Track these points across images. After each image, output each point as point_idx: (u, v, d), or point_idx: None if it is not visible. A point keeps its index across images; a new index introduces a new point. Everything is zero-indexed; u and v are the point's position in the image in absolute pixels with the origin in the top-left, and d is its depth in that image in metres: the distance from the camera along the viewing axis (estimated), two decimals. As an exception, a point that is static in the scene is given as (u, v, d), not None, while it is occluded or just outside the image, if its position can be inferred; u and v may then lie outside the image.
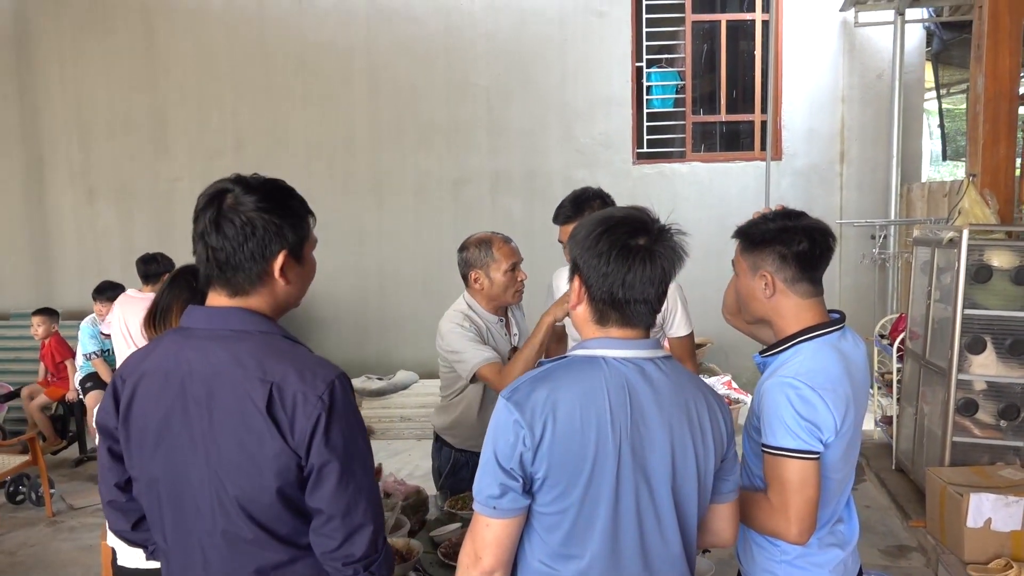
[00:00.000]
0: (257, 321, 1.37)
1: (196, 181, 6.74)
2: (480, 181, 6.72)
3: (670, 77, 6.78)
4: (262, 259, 1.35)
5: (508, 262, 2.60)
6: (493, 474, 1.33)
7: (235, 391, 1.30)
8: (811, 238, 1.66)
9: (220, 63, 6.66)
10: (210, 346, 1.33)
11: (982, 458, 3.80)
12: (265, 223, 1.34)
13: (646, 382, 1.37)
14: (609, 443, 1.32)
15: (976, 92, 4.41)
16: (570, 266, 1.45)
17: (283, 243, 1.36)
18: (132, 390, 1.39)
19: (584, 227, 1.41)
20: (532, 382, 1.36)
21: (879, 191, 6.56)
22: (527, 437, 1.30)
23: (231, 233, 1.32)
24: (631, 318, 1.39)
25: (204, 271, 1.38)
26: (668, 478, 1.36)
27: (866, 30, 6.50)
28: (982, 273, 3.68)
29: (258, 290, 1.37)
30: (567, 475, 1.31)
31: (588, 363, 1.37)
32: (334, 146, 6.71)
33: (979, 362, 3.75)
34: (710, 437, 1.41)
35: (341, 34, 6.59)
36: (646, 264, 1.35)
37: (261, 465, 1.29)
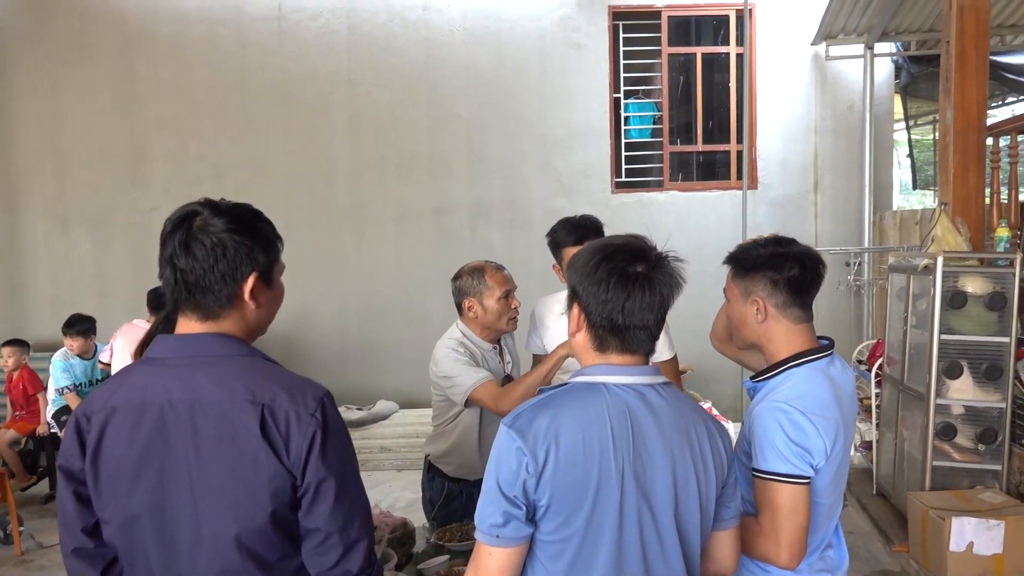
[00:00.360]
0: (236, 345, 1.36)
1: (172, 210, 6.69)
2: (460, 211, 6.75)
3: (647, 108, 6.90)
4: (232, 281, 1.34)
5: (501, 290, 2.62)
6: (496, 502, 1.32)
7: (223, 417, 1.28)
8: (802, 264, 1.69)
9: (199, 93, 6.65)
10: (190, 373, 1.31)
11: (962, 482, 3.83)
12: (236, 244, 1.34)
13: (647, 408, 1.37)
14: (612, 470, 1.32)
15: (946, 123, 4.54)
16: (568, 293, 1.46)
17: (253, 265, 1.36)
18: (101, 428, 1.33)
19: (583, 255, 1.43)
20: (534, 409, 1.36)
21: (852, 219, 6.69)
22: (530, 464, 1.30)
23: (201, 255, 1.32)
24: (631, 344, 1.40)
25: (172, 295, 1.36)
26: (671, 504, 1.36)
27: (837, 63, 6.68)
28: (957, 299, 3.74)
29: (229, 313, 1.36)
30: (571, 502, 1.31)
31: (589, 389, 1.38)
32: (315, 176, 6.71)
33: (956, 387, 3.81)
34: (711, 463, 1.41)
35: (322, 65, 6.63)
36: (645, 291, 1.37)
37: (256, 489, 1.27)
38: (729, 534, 1.51)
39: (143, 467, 1.30)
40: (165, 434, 1.30)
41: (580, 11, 6.63)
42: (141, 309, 6.35)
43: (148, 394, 1.31)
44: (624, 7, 6.68)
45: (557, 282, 2.83)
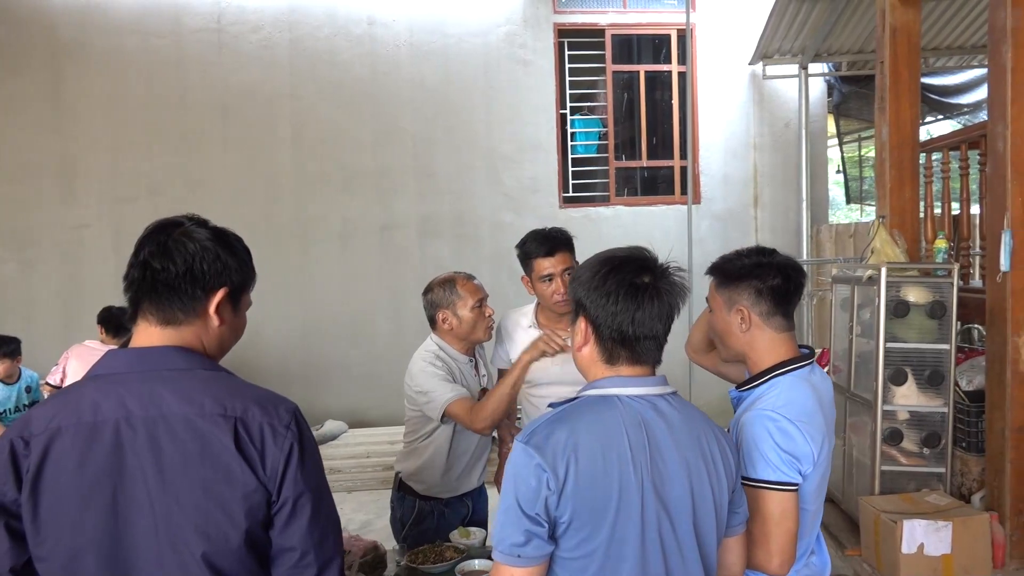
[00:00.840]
0: (197, 359, 1.29)
1: (105, 228, 6.43)
2: (408, 227, 6.68)
3: (593, 124, 6.99)
4: (203, 290, 1.30)
5: (474, 298, 2.59)
6: (516, 521, 1.29)
7: (191, 432, 1.21)
8: (785, 274, 1.72)
9: (135, 107, 6.41)
10: (151, 388, 1.22)
11: (908, 485, 3.96)
12: (214, 256, 1.31)
13: (660, 418, 1.37)
14: (632, 482, 1.31)
15: (882, 140, 4.73)
16: (573, 308, 1.46)
17: (227, 280, 1.33)
18: (42, 452, 1.20)
19: (588, 269, 1.42)
20: (549, 424, 1.34)
21: (791, 233, 6.91)
22: (551, 480, 1.28)
23: (179, 258, 1.28)
24: (640, 355, 1.40)
25: (133, 295, 1.29)
26: (689, 513, 1.36)
27: (773, 82, 6.91)
28: (900, 308, 3.89)
29: (191, 323, 1.30)
30: (592, 517, 1.29)
31: (603, 402, 1.37)
32: (257, 193, 6.53)
33: (901, 393, 3.94)
34: (722, 469, 1.42)
35: (264, 79, 6.48)
36: (654, 301, 1.38)
37: (230, 507, 1.20)
38: (738, 540, 1.52)
39: (93, 494, 1.19)
40: (120, 455, 1.20)
41: (526, 28, 6.68)
42: (71, 332, 6.07)
43: (100, 412, 1.21)
44: (569, 25, 6.77)
45: (510, 296, 2.82)
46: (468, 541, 2.50)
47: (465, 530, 2.57)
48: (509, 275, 6.73)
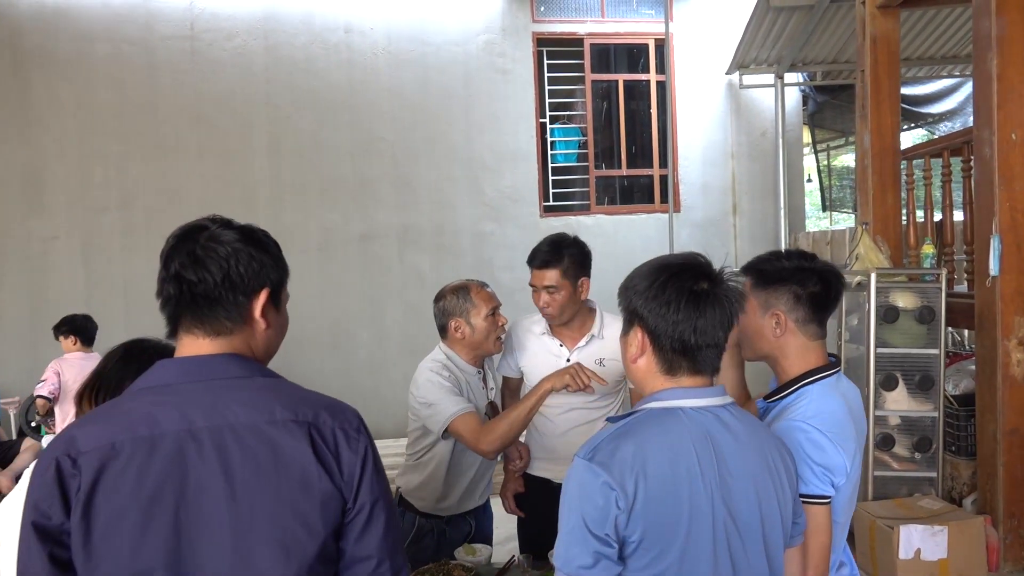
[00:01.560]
0: (255, 366, 1.23)
1: (75, 240, 6.24)
2: (387, 237, 6.58)
3: (572, 133, 6.98)
4: (244, 295, 1.22)
5: (488, 307, 2.50)
6: (583, 542, 1.22)
7: (261, 441, 1.13)
8: (826, 280, 1.68)
9: (105, 115, 6.23)
10: (213, 398, 1.15)
11: (901, 490, 3.97)
12: (248, 257, 1.23)
13: (726, 430, 1.32)
14: (702, 497, 1.25)
15: (864, 148, 4.78)
16: (626, 319, 1.40)
17: (266, 280, 1.25)
18: (95, 471, 1.10)
19: (642, 277, 1.36)
20: (613, 439, 1.27)
21: (769, 240, 6.96)
22: (620, 498, 1.21)
23: (213, 266, 1.19)
24: (701, 365, 1.35)
25: (173, 312, 1.21)
26: (759, 528, 1.31)
27: (750, 92, 6.97)
28: (890, 314, 3.91)
29: (240, 330, 1.23)
30: (663, 536, 1.23)
31: (667, 415, 1.31)
32: (232, 202, 6.36)
33: (892, 398, 3.96)
34: (785, 481, 1.38)
35: (239, 86, 6.35)
36: (715, 308, 1.32)
37: (307, 516, 1.13)
38: (796, 551, 1.48)
39: (154, 514, 1.10)
40: (183, 470, 1.12)
41: (505, 37, 6.66)
42: (39, 347, 5.87)
43: (159, 425, 1.13)
44: (548, 34, 6.76)
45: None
46: (474, 559, 2.42)
47: (471, 547, 2.49)
48: (491, 285, 6.67)
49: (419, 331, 6.16)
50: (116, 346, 1.76)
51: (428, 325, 6.24)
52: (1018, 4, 3.52)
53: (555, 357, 2.64)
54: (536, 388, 2.33)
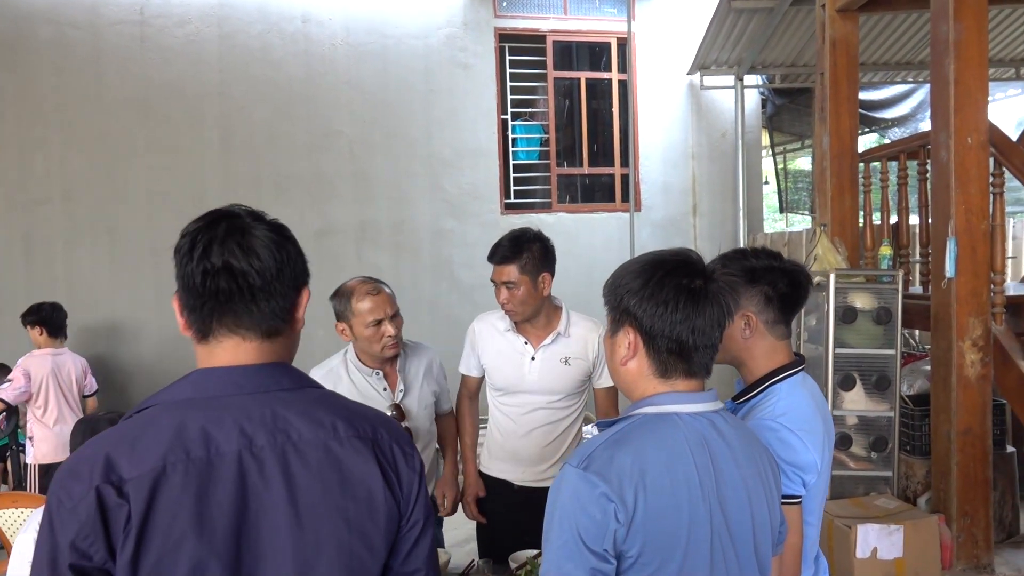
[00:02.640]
0: (304, 377, 1.13)
1: (14, 232, 5.95)
2: (345, 233, 6.44)
3: (534, 130, 6.92)
4: (294, 289, 1.12)
5: (371, 316, 2.40)
6: (578, 557, 1.14)
7: (327, 459, 1.04)
8: (796, 280, 1.64)
9: (46, 103, 5.95)
10: (272, 412, 1.04)
11: (858, 489, 4.01)
12: (296, 250, 1.14)
13: (720, 437, 1.26)
14: (700, 508, 1.19)
15: (822, 150, 4.82)
16: (615, 318, 1.32)
17: (306, 276, 1.16)
18: (148, 499, 0.95)
19: (635, 274, 1.28)
20: (608, 447, 1.20)
21: (728, 241, 7.00)
22: (619, 511, 1.14)
23: (267, 256, 1.08)
24: (696, 367, 1.29)
25: (214, 310, 1.07)
26: (751, 537, 1.26)
27: (711, 93, 7.00)
28: (848, 314, 3.94)
29: (286, 332, 1.12)
30: (663, 550, 1.17)
31: (663, 421, 1.24)
32: (182, 197, 6.15)
33: (850, 398, 3.99)
34: (774, 489, 1.34)
35: (191, 77, 6.13)
36: (711, 306, 1.26)
37: (372, 538, 1.06)
38: (778, 559, 1.45)
39: (215, 545, 0.98)
40: (244, 494, 1.00)
41: (467, 31, 6.56)
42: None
43: (215, 443, 1.00)
44: (510, 30, 6.69)
45: (452, 305, 2.70)
46: (433, 565, 2.34)
47: (429, 553, 2.41)
48: (451, 284, 6.57)
49: (376, 329, 6.03)
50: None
51: (386, 323, 5.98)
52: (975, 10, 3.57)
53: (520, 355, 2.58)
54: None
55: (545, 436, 2.57)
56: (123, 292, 6.07)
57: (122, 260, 6.07)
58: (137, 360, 6.12)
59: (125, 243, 6.07)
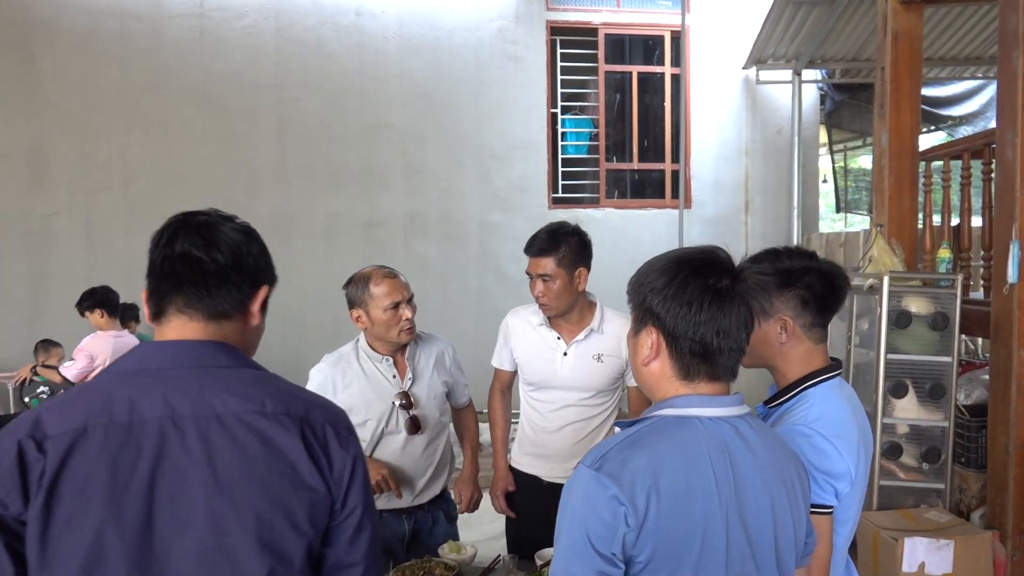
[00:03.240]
0: (245, 358, 1.17)
1: (76, 217, 6.18)
2: (393, 224, 6.50)
3: (584, 124, 6.86)
4: (250, 284, 1.19)
5: (388, 300, 2.38)
6: (587, 561, 1.11)
7: (251, 433, 1.07)
8: (835, 283, 1.57)
9: (110, 92, 6.16)
10: (200, 385, 1.09)
11: (907, 501, 3.85)
12: (260, 250, 1.22)
13: (743, 443, 1.21)
14: (716, 516, 1.15)
15: (881, 147, 4.64)
16: (638, 317, 1.28)
17: (268, 278, 1.23)
18: (61, 456, 1.02)
19: (658, 273, 1.24)
20: (623, 448, 1.16)
21: (781, 240, 6.82)
22: (630, 515, 1.10)
23: (226, 249, 1.16)
24: (721, 370, 1.23)
25: (168, 291, 1.15)
26: (772, 547, 1.21)
27: (767, 88, 6.83)
28: (902, 319, 3.78)
29: (236, 319, 1.18)
30: (674, 557, 1.13)
31: (683, 424, 1.20)
32: (236, 185, 6.31)
33: (901, 406, 3.84)
34: (800, 499, 1.28)
35: (248, 67, 6.27)
36: (738, 307, 1.21)
37: (295, 515, 1.08)
38: (803, 571, 1.39)
39: (124, 506, 1.02)
40: (161, 459, 1.04)
41: (518, 24, 6.54)
42: (37, 325, 5.82)
43: (138, 411, 1.05)
44: (562, 23, 6.64)
45: (497, 298, 2.69)
46: (459, 557, 2.34)
47: (456, 545, 2.41)
48: (497, 276, 6.57)
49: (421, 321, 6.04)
50: None
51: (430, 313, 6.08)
52: (1048, 1, 3.38)
53: (552, 350, 2.55)
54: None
55: (576, 433, 2.53)
56: (178, 277, 6.25)
57: (178, 246, 6.25)
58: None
59: (181, 230, 6.25)
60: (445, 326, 5.19)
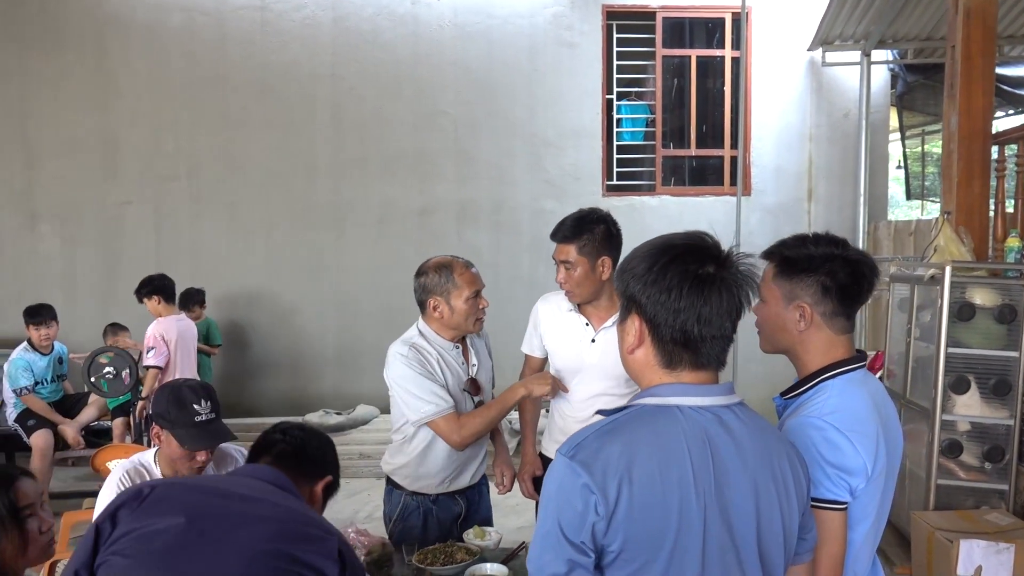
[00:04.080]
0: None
1: (146, 205, 6.45)
2: (446, 212, 6.54)
3: (640, 110, 6.74)
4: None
5: (471, 289, 2.41)
6: (557, 548, 1.12)
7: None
8: (858, 272, 1.50)
9: (176, 84, 6.40)
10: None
11: (967, 501, 3.68)
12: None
13: (727, 434, 1.18)
14: (693, 508, 1.13)
15: (950, 131, 4.41)
16: (623, 305, 1.27)
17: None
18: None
19: (641, 259, 1.22)
20: (599, 436, 1.15)
21: (846, 229, 6.55)
22: (599, 504, 1.10)
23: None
24: (705, 358, 1.21)
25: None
26: (755, 543, 1.18)
27: (833, 70, 6.56)
28: (965, 311, 3.60)
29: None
30: (646, 548, 1.11)
31: (661, 414, 1.18)
32: (294, 174, 6.46)
33: (963, 402, 3.65)
34: (793, 492, 1.23)
35: (305, 58, 6.40)
36: (722, 295, 1.18)
37: None
38: (804, 568, 1.34)
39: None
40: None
41: (573, 9, 6.46)
42: (108, 309, 6.10)
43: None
44: (618, 7, 6.53)
45: (549, 287, 2.68)
46: (482, 542, 2.35)
47: (481, 530, 2.42)
48: (548, 265, 6.50)
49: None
50: None
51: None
52: None
53: (580, 336, 2.54)
54: (510, 392, 2.35)
55: (605, 422, 2.51)
56: (239, 263, 6.45)
57: (239, 233, 6.45)
58: (252, 325, 6.51)
59: (242, 217, 6.45)
60: (496, 315, 5.19)
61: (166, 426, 2.12)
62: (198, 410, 2.11)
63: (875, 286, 1.56)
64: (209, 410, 2.14)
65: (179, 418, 2.10)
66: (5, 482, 1.53)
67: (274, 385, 6.54)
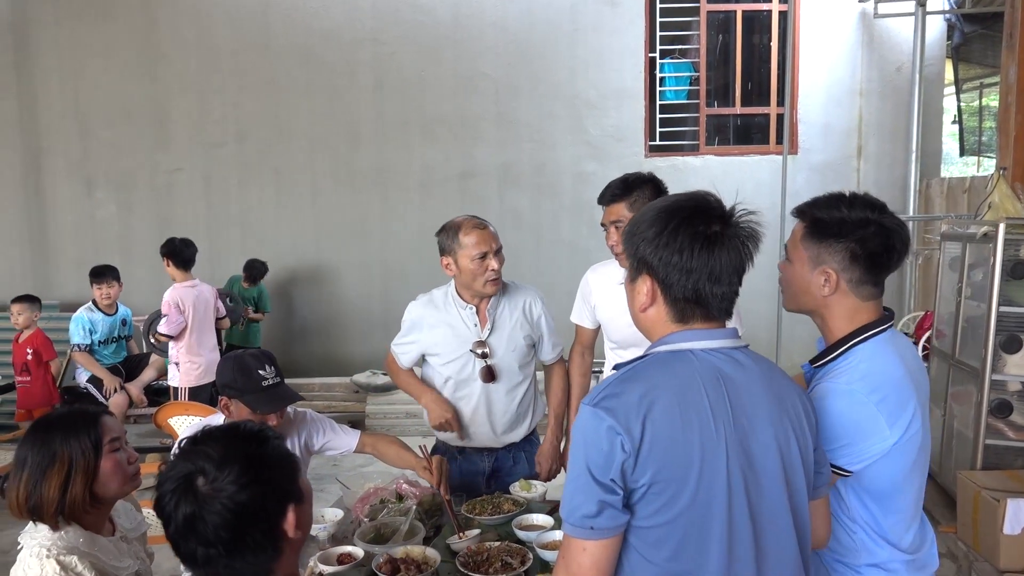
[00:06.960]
0: None
1: (196, 172, 6.61)
2: (487, 175, 6.56)
3: (684, 68, 6.63)
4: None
5: (476, 249, 2.42)
6: (587, 490, 1.17)
7: None
8: (889, 242, 1.46)
9: (222, 52, 6.49)
10: None
11: (1016, 462, 3.64)
12: None
13: (740, 371, 1.24)
14: (714, 440, 1.18)
15: (1008, 83, 4.26)
16: (633, 266, 1.31)
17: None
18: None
19: (650, 222, 1.26)
20: (618, 383, 1.21)
21: (897, 187, 6.40)
22: (625, 442, 1.16)
23: None
24: (716, 311, 1.27)
25: None
26: (780, 472, 1.23)
27: (885, 22, 6.34)
28: (1018, 269, 3.52)
29: None
30: (674, 480, 1.17)
31: (676, 357, 1.24)
32: (338, 139, 6.54)
33: (1014, 362, 3.59)
34: (806, 425, 1.29)
35: (347, 24, 6.43)
36: (729, 252, 1.23)
37: None
38: (822, 503, 1.38)
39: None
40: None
41: (615, -34, 6.35)
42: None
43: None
44: (661, -38, 6.39)
45: (591, 250, 2.67)
46: (528, 495, 2.42)
47: (526, 483, 2.49)
48: (590, 227, 6.53)
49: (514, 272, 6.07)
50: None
51: (523, 264, 6.15)
52: None
53: None
54: (419, 390, 2.66)
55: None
56: (285, 228, 6.59)
57: (285, 198, 6.58)
58: (299, 289, 6.67)
59: (288, 183, 6.57)
60: (537, 278, 5.24)
61: (234, 395, 2.14)
62: (264, 375, 2.15)
63: (905, 256, 1.52)
64: (274, 375, 2.19)
65: (247, 385, 2.12)
66: (91, 419, 1.64)
67: (321, 347, 6.72)
